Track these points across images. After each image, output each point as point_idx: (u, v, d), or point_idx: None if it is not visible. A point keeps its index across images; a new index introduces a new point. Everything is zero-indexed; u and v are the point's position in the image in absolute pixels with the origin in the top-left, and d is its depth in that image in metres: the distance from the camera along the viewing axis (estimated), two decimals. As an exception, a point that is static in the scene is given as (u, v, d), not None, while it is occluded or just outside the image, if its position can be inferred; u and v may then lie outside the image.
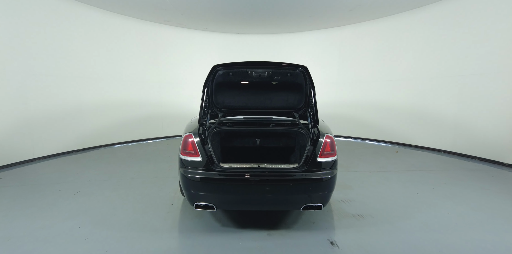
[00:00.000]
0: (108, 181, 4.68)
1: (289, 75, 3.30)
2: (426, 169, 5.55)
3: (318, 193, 2.82)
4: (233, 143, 4.00)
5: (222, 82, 3.38)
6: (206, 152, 2.85)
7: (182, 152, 2.92)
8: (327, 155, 2.92)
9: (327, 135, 3.01)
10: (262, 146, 4.02)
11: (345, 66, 9.06)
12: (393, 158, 6.47)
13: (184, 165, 2.86)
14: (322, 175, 2.81)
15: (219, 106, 3.56)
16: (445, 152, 6.96)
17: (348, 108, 9.06)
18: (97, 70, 7.19)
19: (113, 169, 5.43)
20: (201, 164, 2.81)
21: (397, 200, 3.95)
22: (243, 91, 3.53)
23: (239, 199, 2.83)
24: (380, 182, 4.74)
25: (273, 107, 3.58)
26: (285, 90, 3.48)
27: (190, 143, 2.90)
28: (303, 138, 3.43)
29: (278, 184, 2.75)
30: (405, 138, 7.87)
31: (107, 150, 7.25)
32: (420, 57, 7.31)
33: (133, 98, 8.14)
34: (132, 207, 3.62)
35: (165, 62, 8.86)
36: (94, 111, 7.22)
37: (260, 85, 3.47)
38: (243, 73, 3.30)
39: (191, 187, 2.78)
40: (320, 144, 2.93)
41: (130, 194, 4.10)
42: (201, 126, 3.19)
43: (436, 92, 6.99)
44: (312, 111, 3.31)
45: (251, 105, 3.57)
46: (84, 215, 3.37)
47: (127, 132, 8.14)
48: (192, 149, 2.87)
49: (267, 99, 3.55)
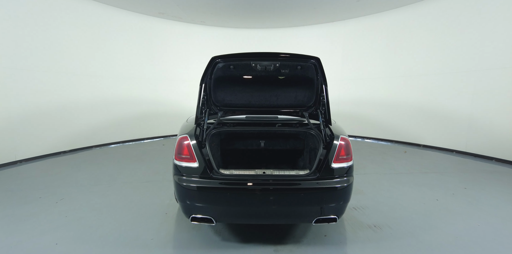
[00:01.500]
0: (97, 186, 4.28)
1: (299, 68, 2.91)
2: (441, 171, 5.18)
3: (332, 204, 2.49)
4: (235, 146, 3.61)
5: (222, 76, 2.99)
6: (203, 157, 2.52)
7: (176, 157, 2.58)
8: (342, 160, 2.58)
9: (342, 136, 2.67)
10: (267, 148, 3.64)
11: (349, 62, 8.66)
12: (402, 159, 6.11)
13: (179, 171, 2.54)
14: (337, 184, 2.48)
15: (218, 104, 3.17)
16: (457, 152, 6.60)
17: (353, 106, 8.68)
18: (87, 65, 6.76)
19: (104, 172, 5.03)
20: (198, 170, 2.49)
21: (415, 207, 3.58)
22: (246, 87, 3.14)
23: (241, 212, 2.51)
24: (393, 186, 4.37)
25: (279, 105, 3.20)
26: (294, 86, 3.10)
27: (185, 146, 2.55)
28: (313, 140, 3.09)
29: (286, 194, 2.45)
30: (413, 137, 7.51)
31: (100, 151, 6.84)
32: (430, 51, 6.91)
33: (127, 96, 7.72)
34: (122, 217, 3.23)
35: (161, 58, 8.44)
36: (85, 109, 6.80)
37: (265, 80, 3.08)
38: (246, 66, 2.90)
39: (186, 198, 2.46)
40: (335, 148, 2.59)
41: (121, 201, 3.71)
42: (198, 127, 2.84)
43: (448, 89, 6.61)
44: (324, 109, 2.95)
45: (255, 103, 3.19)
46: (64, 228, 2.97)
47: (121, 131, 7.73)
48: (188, 154, 2.53)
49: (273, 96, 3.16)
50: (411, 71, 7.35)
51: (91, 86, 6.88)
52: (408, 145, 7.59)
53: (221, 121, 3.09)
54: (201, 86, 2.84)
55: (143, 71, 8.04)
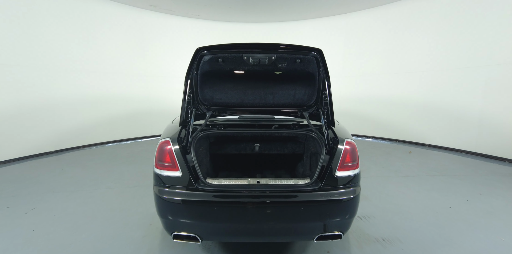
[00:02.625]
0: (77, 192, 3.92)
1: (298, 62, 2.55)
2: (451, 174, 4.83)
3: (336, 219, 2.19)
4: (226, 150, 3.25)
5: (210, 71, 2.62)
6: (188, 164, 2.21)
7: (157, 165, 2.25)
8: (347, 167, 2.27)
9: (348, 140, 2.34)
10: (262, 153, 3.27)
11: (351, 58, 8.27)
12: (408, 160, 5.76)
13: (160, 182, 2.22)
14: (342, 195, 2.18)
15: (206, 103, 2.80)
16: (465, 152, 6.25)
17: (354, 104, 8.31)
18: (74, 61, 6.36)
19: (88, 175, 4.66)
20: (181, 180, 2.17)
21: (427, 216, 3.24)
22: (237, 83, 2.78)
23: (231, 229, 2.20)
24: (400, 191, 4.02)
25: (276, 104, 2.84)
26: (292, 82, 2.74)
27: (167, 152, 2.23)
28: (314, 144, 2.77)
29: (283, 208, 2.15)
30: (418, 136, 7.16)
31: (86, 152, 6.46)
32: (437, 46, 6.53)
33: (117, 93, 7.32)
34: (99, 230, 2.88)
35: (153, 54, 8.03)
36: (71, 107, 6.41)
37: (259, 75, 2.72)
38: (237, 60, 2.53)
39: (168, 212, 2.15)
40: (339, 153, 2.26)
41: (101, 210, 3.36)
42: (184, 129, 2.50)
43: (457, 85, 6.24)
44: (327, 109, 2.61)
45: (248, 102, 2.83)
46: (29, 246, 2.60)
47: (111, 131, 7.35)
48: (170, 161, 2.20)
49: (268, 94, 2.80)
50: (416, 66, 6.97)
51: (77, 83, 6.48)
52: (413, 145, 7.24)
53: (210, 122, 2.81)
54: (186, 83, 2.52)
55: (134, 67, 7.64)
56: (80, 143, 6.72)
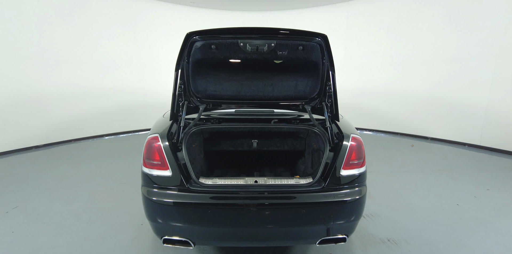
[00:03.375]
0: (64, 190, 3.71)
1: (301, 49, 2.31)
2: (456, 169, 4.66)
3: (340, 222, 2.02)
4: (221, 147, 3.03)
5: (202, 59, 2.38)
6: (179, 163, 2.04)
7: (145, 163, 2.07)
8: (353, 165, 2.09)
9: (354, 136, 2.15)
10: (261, 150, 3.06)
11: (353, 48, 8.00)
12: (410, 154, 5.58)
13: (149, 182, 2.05)
14: (347, 196, 2.02)
15: (199, 95, 2.56)
16: (469, 145, 6.09)
17: (353, 96, 8.09)
18: (62, 50, 6.06)
19: (77, 171, 4.45)
20: (171, 180, 2.00)
21: (434, 214, 3.08)
22: (233, 73, 2.54)
23: (227, 233, 2.04)
24: (404, 187, 3.85)
25: (275, 96, 2.61)
26: (294, 72, 2.51)
27: (155, 149, 2.04)
28: (317, 140, 2.56)
29: (283, 210, 1.99)
30: (420, 129, 6.98)
31: (77, 146, 6.23)
32: (443, 35, 6.27)
33: (111, 85, 7.05)
34: (86, 231, 2.69)
35: (147, 43, 7.71)
36: (61, 99, 6.15)
37: (257, 64, 2.48)
38: (232, 46, 2.29)
39: (157, 215, 1.99)
40: (344, 150, 2.08)
41: (89, 208, 3.16)
42: (175, 124, 2.31)
43: (463, 76, 6.03)
44: (331, 102, 2.39)
45: (245, 94, 2.59)
46: (5, 250, 2.40)
47: (105, 124, 7.11)
48: (159, 159, 2.02)
49: (267, 85, 2.56)
50: (421, 57, 6.73)
51: (68, 74, 6.20)
52: (414, 138, 7.06)
53: (204, 116, 2.60)
54: (177, 73, 2.29)
55: (127, 57, 7.33)
56: (71, 136, 6.48)
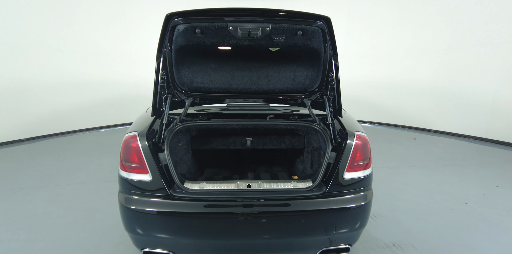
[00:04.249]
0: (45, 188, 3.46)
1: (300, 35, 2.00)
2: (462, 163, 4.45)
3: (344, 230, 1.82)
4: (211, 145, 2.76)
5: (186, 46, 2.08)
6: (160, 165, 1.83)
7: (122, 165, 1.86)
8: (358, 167, 1.89)
9: (359, 134, 1.94)
10: (255, 148, 2.79)
11: (354, 37, 7.66)
12: (413, 148, 5.36)
13: (127, 187, 1.84)
14: (351, 202, 1.83)
15: (184, 88, 2.27)
16: (474, 138, 5.89)
17: (354, 87, 7.78)
18: (45, 37, 5.70)
19: (61, 168, 4.19)
20: (151, 186, 1.79)
21: (441, 215, 2.87)
22: (223, 63, 2.24)
23: (215, 245, 1.86)
24: (408, 184, 3.63)
25: (271, 89, 2.32)
26: (292, 62, 2.22)
27: (133, 150, 1.81)
28: (317, 138, 2.37)
29: (281, 219, 1.80)
30: (422, 121, 6.78)
31: (65, 140, 5.95)
32: (451, 22, 5.94)
33: (101, 75, 6.68)
34: (64, 237, 2.46)
35: (138, 30, 7.30)
36: (47, 90, 5.84)
37: (250, 52, 2.18)
38: (220, 31, 1.98)
39: (136, 226, 1.78)
40: (349, 150, 1.87)
41: (71, 210, 2.93)
42: (158, 120, 2.08)
43: (470, 66, 5.77)
44: (333, 95, 2.15)
45: (237, 87, 2.31)
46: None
47: (94, 117, 6.81)
48: (137, 161, 1.80)
49: (262, 77, 2.27)
50: (426, 46, 6.45)
51: (54, 63, 5.87)
52: (417, 131, 6.84)
53: (193, 111, 2.37)
54: (158, 61, 2.02)
55: (117, 46, 6.94)
56: (57, 130, 6.17)
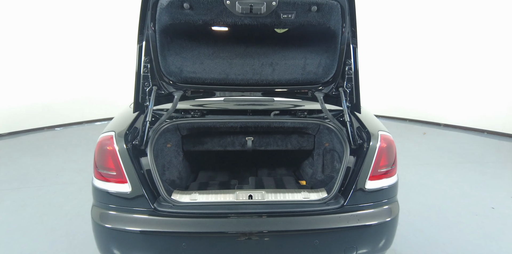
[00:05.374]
0: (19, 190, 3.12)
1: (314, 11, 1.59)
2: (480, 160, 4.11)
3: (364, 250, 1.54)
4: (205, 147, 2.36)
5: (173, 26, 1.67)
6: (142, 172, 1.53)
7: (96, 173, 1.57)
8: (382, 174, 1.59)
9: (383, 134, 1.65)
10: (257, 150, 2.39)
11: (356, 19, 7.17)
12: (424, 143, 5.00)
13: (102, 200, 1.55)
14: (375, 218, 1.54)
15: (173, 78, 1.86)
16: (489, 132, 5.55)
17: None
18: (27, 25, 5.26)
19: (42, 166, 3.83)
20: (131, 198, 1.50)
21: (466, 222, 2.55)
22: (218, 47, 1.84)
23: None
24: (425, 184, 3.29)
25: (277, 80, 1.94)
26: (302, 46, 1.84)
27: (108, 154, 1.52)
28: (331, 138, 2.08)
29: (289, 240, 1.51)
30: (431, 115, 6.40)
31: (50, 134, 5.55)
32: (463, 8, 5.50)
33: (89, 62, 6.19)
34: (33, 250, 2.12)
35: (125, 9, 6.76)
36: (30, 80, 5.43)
37: (252, 34, 1.79)
38: (214, 5, 1.57)
39: (113, 247, 1.50)
40: (372, 153, 1.56)
41: (46, 216, 2.58)
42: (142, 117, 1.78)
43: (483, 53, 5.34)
44: (350, 87, 1.83)
45: (236, 77, 1.92)
46: None
47: (85, 110, 6.38)
48: (114, 167, 1.51)
49: (266, 65, 1.90)
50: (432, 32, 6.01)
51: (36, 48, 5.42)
52: (426, 125, 6.49)
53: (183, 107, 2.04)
54: (140, 46, 1.67)
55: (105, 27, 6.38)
56: (42, 123, 5.76)
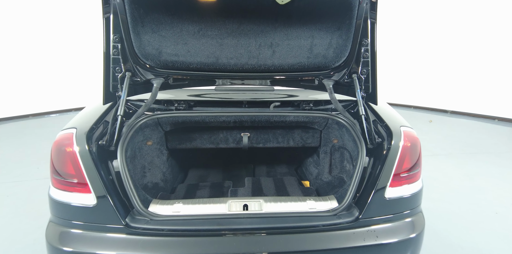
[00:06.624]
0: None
1: None
2: (493, 151, 3.91)
3: None
4: (193, 144, 2.03)
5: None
6: (111, 179, 1.28)
7: (53, 181, 1.28)
8: (404, 179, 1.34)
9: (406, 130, 1.40)
10: (254, 147, 2.08)
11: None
12: (431, 132, 4.76)
13: (60, 214, 1.28)
14: (397, 234, 1.28)
15: (150, 61, 1.55)
16: (500, 119, 5.35)
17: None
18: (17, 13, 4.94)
19: (22, 158, 3.56)
20: (96, 212, 1.24)
21: (486, 220, 2.32)
22: (206, 24, 1.49)
23: None
24: (435, 178, 3.05)
25: (277, 65, 1.63)
26: (309, 23, 1.51)
27: (67, 157, 1.24)
28: (340, 134, 1.79)
29: None
30: (437, 101, 6.19)
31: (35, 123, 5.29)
32: None
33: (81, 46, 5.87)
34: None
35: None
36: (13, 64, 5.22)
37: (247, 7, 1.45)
38: None
39: None
40: (394, 154, 1.31)
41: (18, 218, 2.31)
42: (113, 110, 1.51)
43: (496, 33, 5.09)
44: (366, 73, 1.56)
45: (229, 62, 1.60)
46: None
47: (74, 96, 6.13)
48: (74, 174, 1.23)
49: (264, 46, 1.57)
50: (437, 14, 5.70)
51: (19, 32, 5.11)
52: (431, 112, 6.29)
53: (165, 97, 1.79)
54: (106, 18, 1.36)
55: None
56: (27, 111, 5.51)
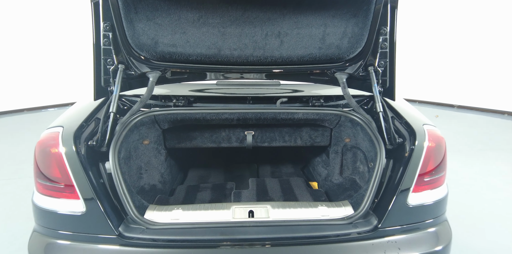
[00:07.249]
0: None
1: None
2: (505, 147, 3.84)
3: None
4: (193, 143, 1.92)
5: None
6: (102, 182, 1.21)
7: (37, 186, 1.21)
8: (428, 184, 1.26)
9: (430, 129, 1.33)
10: (258, 146, 1.97)
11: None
12: (439, 127, 4.57)
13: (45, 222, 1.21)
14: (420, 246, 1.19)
15: (145, 53, 1.46)
16: (509, 114, 5.28)
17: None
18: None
19: (14, 154, 3.47)
20: (85, 221, 1.16)
21: (501, 222, 2.21)
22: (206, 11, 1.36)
23: None
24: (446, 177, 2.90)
25: (286, 57, 1.52)
26: (321, 10, 1.39)
27: (52, 159, 1.16)
28: (354, 133, 1.69)
29: None
30: (444, 95, 6.11)
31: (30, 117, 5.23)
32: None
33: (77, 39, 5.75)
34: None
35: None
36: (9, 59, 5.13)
37: None
38: None
39: None
40: (418, 156, 1.23)
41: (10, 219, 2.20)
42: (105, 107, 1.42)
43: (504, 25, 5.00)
44: (384, 65, 1.45)
45: (231, 53, 1.50)
46: None
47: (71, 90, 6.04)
48: (60, 177, 1.15)
49: (271, 35, 1.46)
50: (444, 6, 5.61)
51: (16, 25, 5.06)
52: (438, 106, 6.22)
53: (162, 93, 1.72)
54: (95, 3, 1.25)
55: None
56: (22, 105, 5.46)
